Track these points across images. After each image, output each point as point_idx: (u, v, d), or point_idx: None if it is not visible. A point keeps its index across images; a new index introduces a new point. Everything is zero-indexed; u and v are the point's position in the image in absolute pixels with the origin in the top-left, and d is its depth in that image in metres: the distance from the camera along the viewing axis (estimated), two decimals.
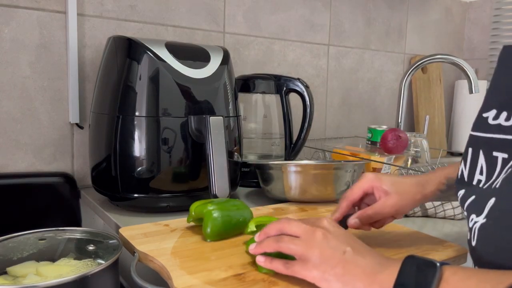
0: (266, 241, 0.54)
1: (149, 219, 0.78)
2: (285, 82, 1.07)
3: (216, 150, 0.78)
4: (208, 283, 0.51)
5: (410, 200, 0.64)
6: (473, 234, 0.47)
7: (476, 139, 0.51)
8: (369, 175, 0.65)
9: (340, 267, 0.48)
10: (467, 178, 0.52)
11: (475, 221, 0.47)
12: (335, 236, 0.51)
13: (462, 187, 0.52)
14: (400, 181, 0.64)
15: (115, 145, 0.80)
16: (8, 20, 0.92)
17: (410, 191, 0.64)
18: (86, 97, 1.02)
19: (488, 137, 0.50)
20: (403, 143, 1.12)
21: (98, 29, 1.02)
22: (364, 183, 0.65)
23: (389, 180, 0.64)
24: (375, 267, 0.47)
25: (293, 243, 0.51)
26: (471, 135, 0.53)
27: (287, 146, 1.09)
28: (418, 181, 0.65)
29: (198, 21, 1.16)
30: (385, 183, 0.64)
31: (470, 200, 0.50)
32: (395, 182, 0.64)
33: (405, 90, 1.35)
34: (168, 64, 0.80)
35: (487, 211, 0.45)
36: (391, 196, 0.63)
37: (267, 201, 0.94)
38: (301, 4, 1.36)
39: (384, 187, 0.64)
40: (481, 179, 0.50)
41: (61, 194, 0.96)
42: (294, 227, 0.53)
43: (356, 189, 0.65)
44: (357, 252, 0.49)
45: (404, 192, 0.63)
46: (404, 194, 0.63)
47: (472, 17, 1.86)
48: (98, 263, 0.58)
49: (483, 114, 0.51)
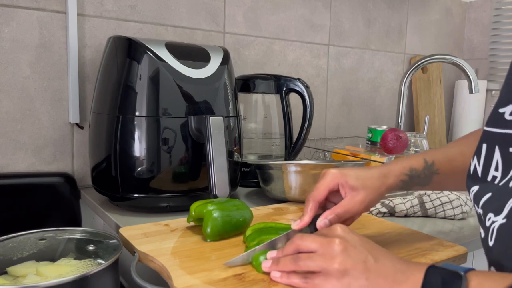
0: (282, 261, 0.52)
1: (149, 219, 0.78)
2: (285, 82, 1.07)
3: (216, 150, 0.78)
4: (208, 283, 0.51)
5: (376, 194, 0.62)
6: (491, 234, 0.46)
7: (492, 135, 0.50)
8: (332, 171, 0.63)
9: (363, 279, 0.46)
10: (481, 174, 0.51)
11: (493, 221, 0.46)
12: (353, 244, 0.49)
13: (476, 183, 0.51)
14: (364, 175, 0.62)
15: (115, 145, 0.80)
16: (8, 20, 0.92)
17: (375, 185, 0.62)
18: (86, 97, 1.02)
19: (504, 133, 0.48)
20: (403, 143, 1.12)
21: (98, 29, 1.02)
22: (329, 181, 0.62)
23: (354, 175, 0.62)
24: (398, 276, 0.46)
25: (311, 260, 0.49)
26: (486, 130, 0.51)
27: (287, 146, 1.09)
28: (381, 173, 0.63)
29: (198, 21, 1.16)
30: (350, 178, 0.62)
31: (486, 198, 0.49)
32: (360, 176, 0.62)
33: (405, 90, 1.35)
34: (168, 64, 0.80)
35: (507, 211, 0.44)
36: (358, 192, 0.61)
37: (267, 201, 0.94)
38: (301, 4, 1.36)
39: (350, 183, 0.61)
40: (496, 176, 0.48)
41: (61, 194, 0.96)
42: (309, 243, 0.51)
43: (321, 188, 0.62)
44: (377, 259, 0.48)
45: (370, 187, 0.62)
46: (370, 189, 0.62)
47: (472, 17, 1.86)
48: (98, 263, 0.58)
49: (499, 110, 0.50)
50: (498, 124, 0.50)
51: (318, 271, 0.49)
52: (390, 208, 0.87)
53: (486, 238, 0.47)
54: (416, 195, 0.91)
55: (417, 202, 0.88)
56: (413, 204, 0.88)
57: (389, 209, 0.87)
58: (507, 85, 0.50)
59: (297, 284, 0.50)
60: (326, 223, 0.59)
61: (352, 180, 0.61)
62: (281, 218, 0.79)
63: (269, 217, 0.79)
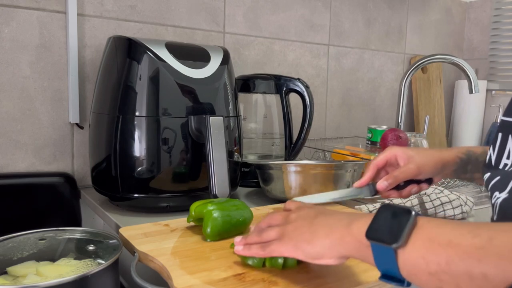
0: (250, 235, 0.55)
1: (149, 219, 0.78)
2: (285, 82, 1.07)
3: (216, 150, 0.78)
4: (208, 283, 0.51)
5: (430, 161, 0.69)
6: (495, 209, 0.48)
7: (507, 124, 0.52)
8: (394, 147, 0.72)
9: (308, 232, 0.48)
10: (494, 162, 0.53)
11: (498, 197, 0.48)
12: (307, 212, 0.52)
13: (489, 171, 0.54)
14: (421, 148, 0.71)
15: (115, 145, 0.80)
16: (8, 20, 0.92)
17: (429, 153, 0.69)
18: (86, 97, 1.02)
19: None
20: (403, 143, 1.12)
21: (98, 29, 1.02)
22: (389, 153, 0.71)
23: (411, 149, 0.71)
24: (346, 221, 0.47)
25: (271, 230, 0.52)
26: (503, 120, 0.53)
27: (287, 146, 1.09)
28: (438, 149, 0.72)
29: (198, 21, 1.16)
30: (407, 151, 0.70)
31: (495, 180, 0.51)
32: (416, 149, 0.71)
33: (405, 90, 1.35)
34: (168, 64, 0.80)
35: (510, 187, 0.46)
36: (414, 157, 0.69)
37: (267, 201, 0.94)
38: (301, 4, 1.36)
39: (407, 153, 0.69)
40: (507, 163, 0.50)
41: (61, 194, 0.96)
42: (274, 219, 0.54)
43: (381, 156, 0.71)
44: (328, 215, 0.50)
45: (424, 154, 0.69)
46: (424, 155, 0.69)
47: (472, 17, 1.86)
48: (98, 263, 0.58)
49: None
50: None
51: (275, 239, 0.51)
52: None
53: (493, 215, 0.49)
54: (416, 195, 0.91)
55: (417, 202, 0.88)
56: (413, 204, 0.88)
57: None
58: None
59: (257, 253, 0.53)
60: (385, 184, 0.68)
61: (408, 152, 0.70)
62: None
63: None
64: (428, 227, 0.40)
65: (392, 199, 0.89)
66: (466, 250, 0.36)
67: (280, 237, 0.51)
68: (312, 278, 0.54)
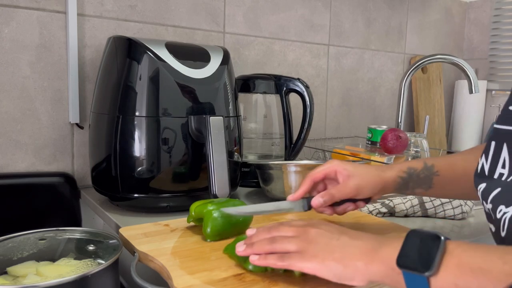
0: (258, 243, 0.53)
1: (149, 219, 0.78)
2: (285, 82, 1.07)
3: (216, 150, 0.78)
4: (208, 283, 0.51)
5: (370, 182, 0.66)
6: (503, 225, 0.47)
7: (501, 132, 0.51)
8: (334, 161, 0.68)
9: (338, 251, 0.47)
10: (488, 172, 0.51)
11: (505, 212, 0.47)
12: (328, 229, 0.51)
13: (483, 181, 0.52)
14: (361, 166, 0.68)
15: (115, 145, 0.80)
16: (8, 20, 0.92)
17: (370, 174, 0.66)
18: (86, 97, 1.02)
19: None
20: (403, 143, 1.12)
21: (98, 29, 1.02)
22: (328, 167, 0.67)
23: (352, 165, 0.67)
24: (375, 245, 0.46)
25: (288, 242, 0.50)
26: (496, 128, 0.52)
27: (287, 146, 1.09)
28: (379, 167, 0.68)
29: (198, 21, 1.16)
30: (348, 167, 0.66)
31: (495, 193, 0.49)
32: (357, 166, 0.67)
33: (405, 90, 1.35)
34: (168, 64, 0.80)
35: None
36: (353, 177, 0.65)
37: (267, 201, 0.93)
38: (301, 4, 1.36)
39: (347, 170, 0.66)
40: (503, 173, 0.49)
41: (61, 194, 0.96)
42: (285, 230, 0.52)
43: (320, 169, 0.68)
44: (353, 236, 0.49)
45: (365, 174, 0.66)
46: (364, 175, 0.65)
47: (472, 17, 1.86)
48: (98, 263, 0.58)
49: (509, 107, 0.51)
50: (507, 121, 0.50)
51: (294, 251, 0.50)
52: (390, 208, 0.87)
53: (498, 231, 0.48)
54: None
55: (417, 202, 0.88)
56: (413, 204, 0.88)
57: (389, 209, 0.87)
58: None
59: (274, 264, 0.51)
60: (320, 201, 0.64)
61: (349, 169, 0.66)
62: (281, 218, 0.79)
63: (269, 217, 0.79)
64: (458, 253, 0.40)
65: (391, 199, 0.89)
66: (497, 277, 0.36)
67: (301, 251, 0.49)
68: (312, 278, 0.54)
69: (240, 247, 0.54)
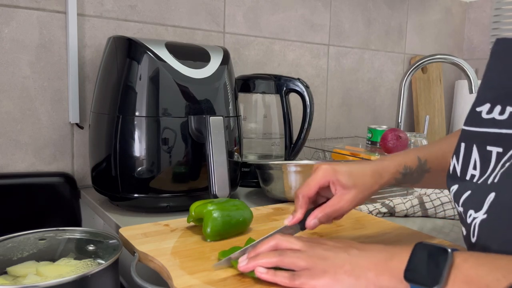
0: (264, 255, 0.51)
1: (149, 219, 0.78)
2: (285, 82, 1.07)
3: (216, 150, 0.78)
4: (208, 283, 0.51)
5: (368, 192, 0.61)
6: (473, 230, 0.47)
7: (469, 134, 0.51)
8: (324, 167, 0.61)
9: (348, 264, 0.47)
10: (460, 173, 0.51)
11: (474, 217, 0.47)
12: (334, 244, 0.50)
13: (455, 183, 0.52)
14: (356, 173, 0.61)
15: (115, 145, 0.80)
16: (8, 20, 0.92)
17: (367, 183, 0.61)
18: (86, 97, 1.02)
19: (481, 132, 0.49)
20: (403, 143, 1.12)
21: (98, 29, 1.02)
22: (321, 178, 0.61)
23: (346, 173, 0.61)
24: (384, 255, 0.46)
25: (297, 257, 0.49)
26: (464, 129, 0.52)
27: (287, 146, 1.09)
28: (375, 170, 0.62)
29: (198, 21, 1.16)
30: (342, 176, 0.60)
31: (466, 196, 0.49)
32: (352, 174, 0.61)
33: (405, 90, 1.35)
34: (168, 64, 0.80)
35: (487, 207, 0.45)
36: (349, 190, 0.60)
37: (267, 201, 0.94)
38: (301, 4, 1.36)
39: (341, 181, 0.60)
40: (474, 174, 0.49)
41: (61, 194, 0.96)
42: (291, 243, 0.51)
43: (312, 184, 0.61)
44: (361, 248, 0.49)
45: (361, 185, 0.60)
46: (361, 187, 0.60)
47: (472, 17, 1.86)
48: (98, 263, 0.58)
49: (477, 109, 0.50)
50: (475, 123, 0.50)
51: (302, 269, 0.49)
52: (390, 208, 0.87)
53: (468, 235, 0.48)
54: (416, 195, 0.91)
55: (417, 202, 0.88)
56: (413, 204, 0.88)
57: (389, 209, 0.87)
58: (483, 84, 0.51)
59: (284, 282, 0.49)
60: (315, 223, 0.59)
61: (344, 178, 0.60)
62: (281, 218, 0.79)
63: (269, 217, 0.79)
64: (465, 268, 0.40)
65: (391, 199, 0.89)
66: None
67: (310, 267, 0.48)
68: None
69: (242, 262, 0.52)
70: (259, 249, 0.53)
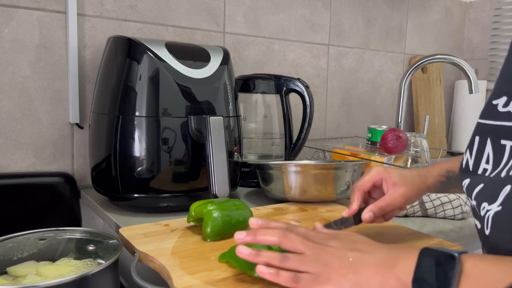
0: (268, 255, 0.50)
1: (149, 219, 0.78)
2: (285, 82, 1.07)
3: (216, 150, 0.78)
4: (208, 283, 0.51)
5: (416, 190, 0.66)
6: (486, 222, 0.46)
7: (484, 127, 0.50)
8: (378, 168, 0.68)
9: (351, 273, 0.46)
10: (472, 167, 0.51)
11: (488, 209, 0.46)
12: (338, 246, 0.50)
13: (467, 176, 0.51)
14: (405, 173, 0.68)
15: (115, 145, 0.80)
16: (8, 20, 0.92)
17: (415, 182, 0.67)
18: (86, 97, 1.02)
19: (496, 125, 0.48)
20: (403, 143, 1.12)
21: (98, 29, 1.02)
22: (374, 175, 0.67)
23: (397, 173, 0.67)
24: (388, 261, 0.45)
25: (301, 262, 0.48)
26: (479, 123, 0.51)
27: (287, 146, 1.09)
28: (421, 173, 0.68)
29: (198, 21, 1.16)
30: (393, 175, 0.67)
31: (479, 188, 0.49)
32: (402, 174, 0.67)
33: (405, 90, 1.35)
34: (168, 64, 0.80)
35: (502, 199, 0.44)
36: (400, 187, 0.65)
37: (267, 201, 0.94)
38: (301, 4, 1.36)
39: (392, 179, 0.66)
40: (487, 168, 0.48)
41: (61, 194, 0.96)
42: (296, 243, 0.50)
43: (367, 179, 0.68)
44: (363, 252, 0.48)
45: (410, 183, 0.66)
46: (410, 185, 0.66)
47: (472, 17, 1.86)
48: (98, 263, 0.58)
49: (493, 102, 0.50)
50: (490, 116, 0.50)
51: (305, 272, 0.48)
52: None
53: (482, 228, 0.48)
54: None
55: (417, 202, 0.88)
56: (413, 204, 0.88)
57: None
58: (501, 77, 0.51)
59: (287, 282, 0.48)
60: (371, 216, 0.64)
61: (394, 177, 0.66)
62: (281, 218, 0.79)
63: (269, 217, 0.79)
64: (474, 275, 0.40)
65: None
66: None
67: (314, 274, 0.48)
68: None
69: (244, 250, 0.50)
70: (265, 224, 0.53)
